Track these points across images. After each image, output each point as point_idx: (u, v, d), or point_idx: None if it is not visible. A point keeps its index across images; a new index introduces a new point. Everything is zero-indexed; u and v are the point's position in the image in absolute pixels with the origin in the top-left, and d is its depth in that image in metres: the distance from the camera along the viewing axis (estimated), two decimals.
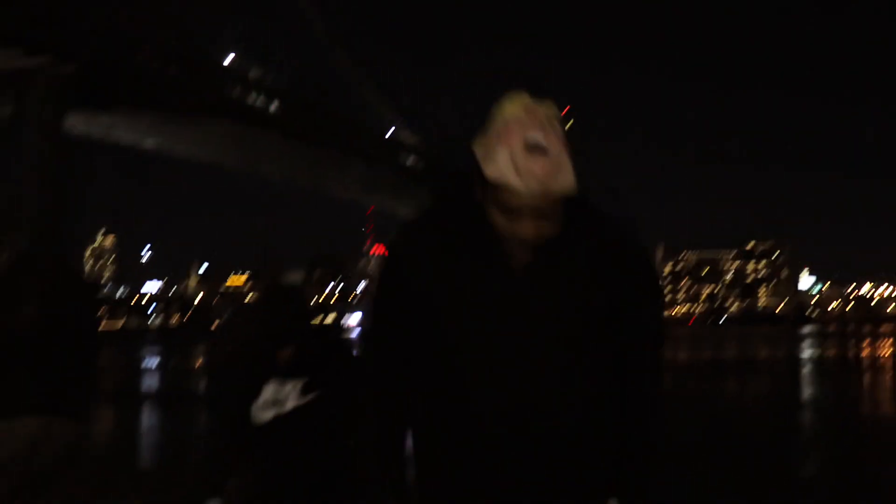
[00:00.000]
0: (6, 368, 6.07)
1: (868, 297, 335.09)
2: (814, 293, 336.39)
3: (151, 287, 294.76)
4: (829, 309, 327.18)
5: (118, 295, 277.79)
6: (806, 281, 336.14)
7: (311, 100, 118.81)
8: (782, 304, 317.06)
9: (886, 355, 59.87)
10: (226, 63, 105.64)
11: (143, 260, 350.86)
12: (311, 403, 4.21)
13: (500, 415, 2.45)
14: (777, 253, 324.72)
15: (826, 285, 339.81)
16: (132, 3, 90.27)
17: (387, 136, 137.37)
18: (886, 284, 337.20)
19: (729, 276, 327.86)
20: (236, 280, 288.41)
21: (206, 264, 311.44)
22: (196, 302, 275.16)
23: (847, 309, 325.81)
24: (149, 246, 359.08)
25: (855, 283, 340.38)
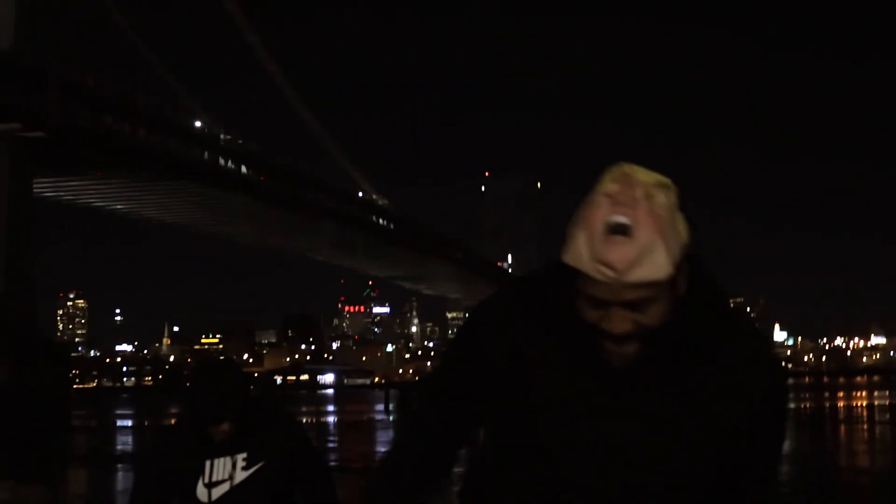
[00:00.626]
0: None
1: (843, 348, 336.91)
2: (788, 346, 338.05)
3: (124, 349, 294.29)
4: (804, 361, 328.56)
5: (90, 356, 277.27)
6: (778, 335, 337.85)
7: (281, 163, 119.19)
8: None
9: (862, 406, 59.99)
10: (195, 126, 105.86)
11: (116, 321, 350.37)
12: (257, 474, 4.22)
13: None
14: (749, 309, 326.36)
15: (799, 339, 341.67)
16: (100, 68, 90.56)
17: (357, 198, 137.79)
18: (857, 338, 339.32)
19: None
20: (209, 341, 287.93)
21: (177, 327, 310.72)
22: (169, 362, 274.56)
23: (822, 360, 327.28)
24: (119, 311, 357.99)
25: (826, 337, 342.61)
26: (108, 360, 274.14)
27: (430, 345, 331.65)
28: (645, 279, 2.10)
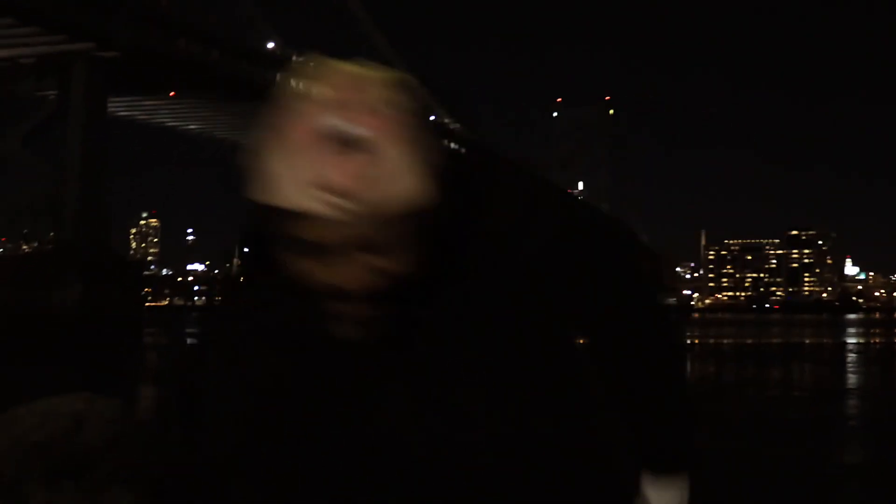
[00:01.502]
0: (51, 347, 6.10)
1: None
2: (859, 280, 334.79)
3: (195, 268, 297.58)
4: (874, 296, 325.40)
5: (163, 275, 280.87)
6: (850, 270, 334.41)
7: None
8: (828, 291, 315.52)
9: None
10: (268, 48, 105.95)
11: (188, 241, 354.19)
12: None
13: None
14: (820, 242, 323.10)
15: (871, 274, 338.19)
16: None
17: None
18: None
19: (773, 264, 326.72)
20: None
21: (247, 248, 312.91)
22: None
23: (894, 295, 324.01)
24: (191, 230, 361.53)
25: None
26: (179, 279, 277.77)
27: None
28: (396, 203, 1.50)
